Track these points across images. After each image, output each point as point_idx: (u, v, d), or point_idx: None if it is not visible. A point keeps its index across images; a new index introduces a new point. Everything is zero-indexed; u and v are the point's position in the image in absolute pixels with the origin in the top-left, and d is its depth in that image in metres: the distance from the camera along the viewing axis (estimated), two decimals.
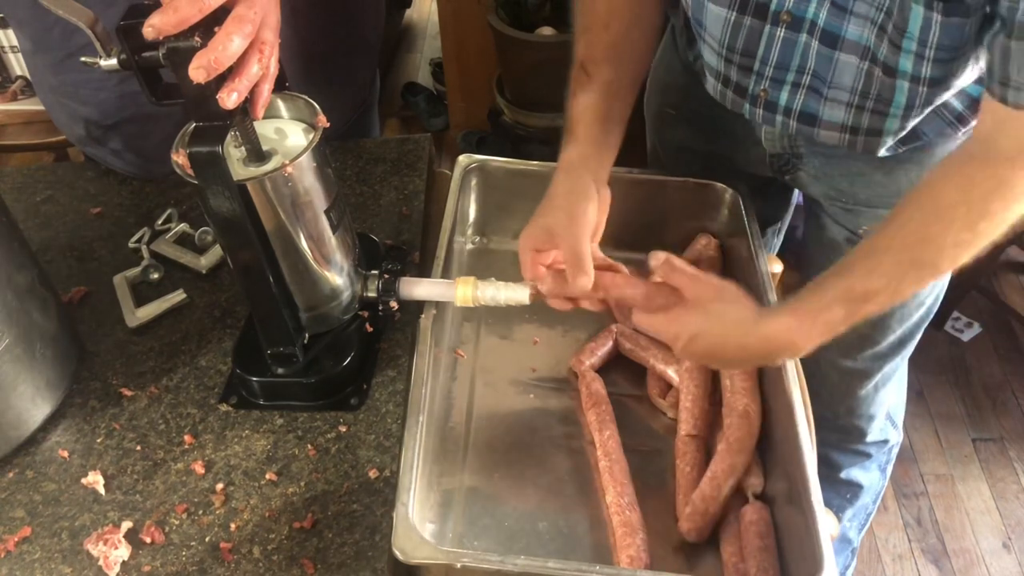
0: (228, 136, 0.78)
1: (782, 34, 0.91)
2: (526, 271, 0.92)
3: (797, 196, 1.29)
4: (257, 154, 0.78)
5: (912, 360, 1.29)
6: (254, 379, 0.91)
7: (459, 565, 0.74)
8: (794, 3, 0.87)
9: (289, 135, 0.82)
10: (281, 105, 0.83)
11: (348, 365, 0.92)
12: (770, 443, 0.91)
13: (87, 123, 1.13)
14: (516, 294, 0.89)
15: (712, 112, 1.09)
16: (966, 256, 0.79)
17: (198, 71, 0.64)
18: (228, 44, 0.65)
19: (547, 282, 0.90)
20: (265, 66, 0.71)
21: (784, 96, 0.96)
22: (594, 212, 0.90)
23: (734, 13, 0.92)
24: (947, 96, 0.89)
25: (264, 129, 0.82)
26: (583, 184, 0.91)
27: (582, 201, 0.89)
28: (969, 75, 0.86)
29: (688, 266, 0.88)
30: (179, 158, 0.74)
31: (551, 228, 0.89)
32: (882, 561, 1.86)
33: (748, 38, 0.93)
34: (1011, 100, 0.73)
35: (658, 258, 0.89)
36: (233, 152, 0.79)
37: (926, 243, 0.78)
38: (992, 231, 0.77)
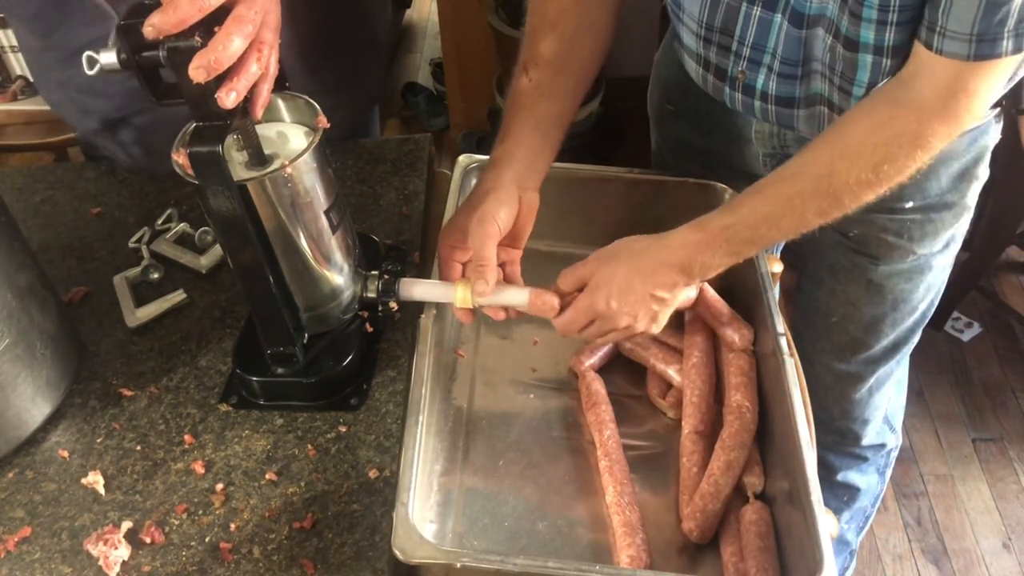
0: (230, 140, 0.78)
1: (758, 13, 0.90)
2: (443, 270, 0.92)
3: None
4: (259, 157, 0.78)
5: (912, 360, 1.29)
6: (254, 379, 0.91)
7: (459, 565, 0.74)
8: None
9: (291, 138, 0.82)
10: (282, 106, 0.83)
11: (348, 365, 0.92)
12: (770, 442, 0.91)
13: (100, 116, 1.14)
14: (515, 297, 0.89)
15: (708, 109, 1.09)
16: (868, 195, 0.82)
17: (198, 71, 0.64)
18: (228, 44, 0.65)
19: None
20: (264, 66, 0.71)
21: (761, 79, 0.96)
22: (507, 216, 0.88)
23: None
24: None
25: (266, 133, 0.82)
26: (501, 185, 0.89)
27: (494, 203, 0.88)
28: None
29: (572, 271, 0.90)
30: (179, 158, 0.74)
31: (463, 228, 0.89)
32: (882, 561, 1.86)
33: (726, 15, 0.93)
34: (935, 45, 0.75)
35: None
36: (235, 156, 0.79)
37: (831, 177, 0.81)
38: (894, 175, 0.80)
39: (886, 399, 1.30)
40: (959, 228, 1.07)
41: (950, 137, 0.79)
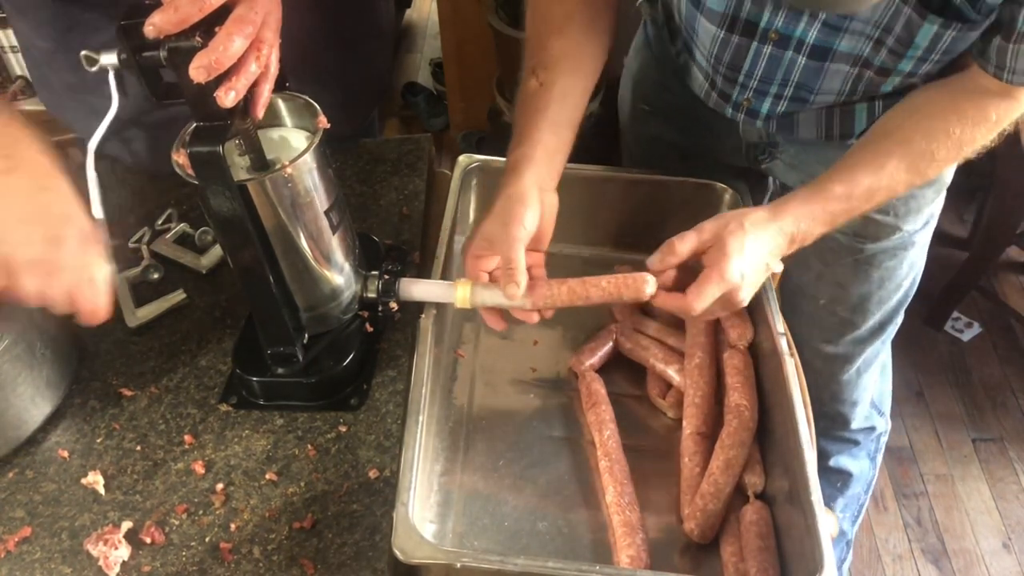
0: (233, 144, 0.78)
1: (768, 51, 0.93)
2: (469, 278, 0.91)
3: (774, 185, 1.30)
4: (261, 161, 0.78)
5: (912, 360, 1.30)
6: (254, 379, 0.91)
7: (459, 565, 0.74)
8: (783, 23, 0.89)
9: (293, 142, 0.82)
10: (282, 106, 0.83)
11: (348, 365, 0.91)
12: (770, 442, 0.91)
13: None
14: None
15: (689, 106, 1.10)
16: (947, 168, 0.96)
17: (198, 71, 0.64)
18: (229, 45, 0.65)
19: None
20: (263, 65, 0.71)
21: (767, 105, 0.99)
22: (532, 218, 0.88)
23: (723, 32, 0.94)
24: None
25: (268, 137, 0.82)
26: (522, 189, 0.89)
27: (518, 207, 0.87)
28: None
29: (683, 244, 0.88)
30: (180, 158, 0.74)
31: (488, 235, 0.88)
32: (882, 561, 1.86)
33: (735, 54, 0.95)
34: (1006, 78, 0.84)
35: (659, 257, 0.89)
36: (238, 160, 0.79)
37: (923, 156, 0.90)
38: (972, 151, 0.91)
39: (873, 381, 1.34)
40: (936, 205, 1.12)
41: (1018, 115, 0.89)
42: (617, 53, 0.99)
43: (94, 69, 0.68)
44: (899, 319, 1.24)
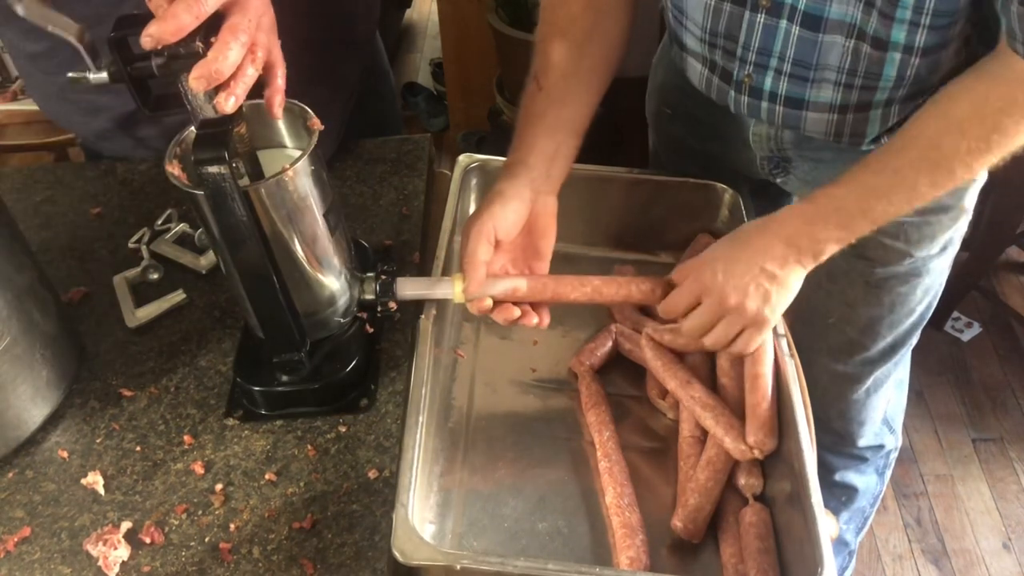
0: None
1: (762, 20, 0.90)
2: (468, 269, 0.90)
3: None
4: (258, 176, 0.79)
5: (912, 360, 1.29)
6: (256, 389, 0.89)
7: (459, 566, 0.74)
8: None
9: (286, 154, 0.82)
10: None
11: (354, 368, 0.91)
12: None
13: (112, 114, 1.12)
14: (511, 284, 0.89)
15: (705, 112, 1.09)
16: (981, 164, 0.82)
17: (199, 81, 0.65)
18: (227, 54, 0.66)
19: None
20: (259, 68, 0.71)
21: (768, 81, 0.96)
22: (514, 219, 0.87)
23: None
24: (935, 79, 0.89)
25: (266, 156, 0.82)
26: (509, 188, 0.88)
27: (497, 204, 0.87)
28: (956, 53, 0.87)
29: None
30: (174, 169, 0.74)
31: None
32: (882, 561, 1.86)
33: (729, 23, 0.93)
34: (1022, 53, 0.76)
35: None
36: None
37: (940, 150, 0.82)
38: (1005, 143, 0.81)
39: (884, 401, 1.29)
40: (956, 231, 1.07)
41: None
42: (625, 54, 0.99)
43: (82, 80, 0.69)
44: (914, 340, 1.20)
